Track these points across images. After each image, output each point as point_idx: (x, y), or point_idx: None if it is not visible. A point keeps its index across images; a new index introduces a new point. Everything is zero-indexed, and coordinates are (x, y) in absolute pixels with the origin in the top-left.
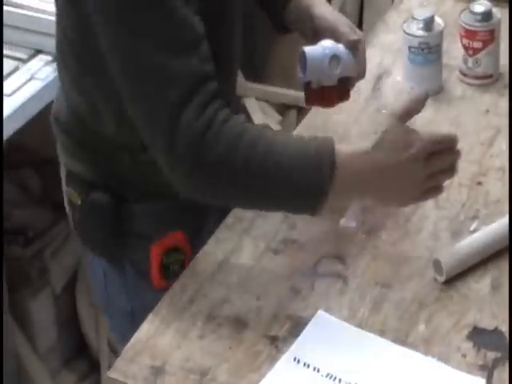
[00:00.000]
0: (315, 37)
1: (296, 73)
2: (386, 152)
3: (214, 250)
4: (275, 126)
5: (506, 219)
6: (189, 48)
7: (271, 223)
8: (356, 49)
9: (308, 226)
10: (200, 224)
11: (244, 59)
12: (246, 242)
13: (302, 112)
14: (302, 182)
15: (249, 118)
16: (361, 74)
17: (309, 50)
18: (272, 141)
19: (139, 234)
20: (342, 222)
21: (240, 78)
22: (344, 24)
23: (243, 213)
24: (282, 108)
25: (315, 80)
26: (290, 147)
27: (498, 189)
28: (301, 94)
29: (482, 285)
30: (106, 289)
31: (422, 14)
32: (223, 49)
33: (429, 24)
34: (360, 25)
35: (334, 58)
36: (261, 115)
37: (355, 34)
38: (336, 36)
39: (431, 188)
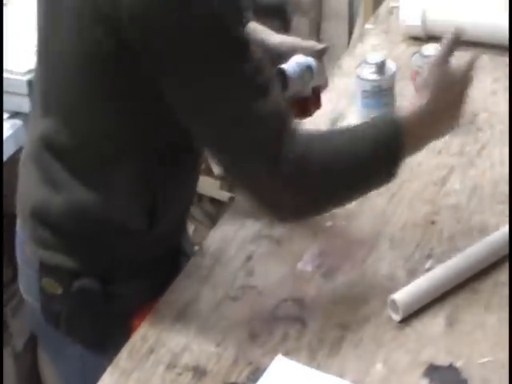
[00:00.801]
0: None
1: None
2: (439, 102)
3: (174, 298)
4: None
5: (460, 256)
6: (270, 86)
7: (229, 270)
8: (322, 56)
9: (266, 271)
10: None
11: None
12: (205, 289)
13: None
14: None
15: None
16: (325, 82)
17: (286, 67)
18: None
19: (122, 312)
20: (300, 265)
21: None
22: (303, 40)
23: (202, 261)
24: None
25: (296, 93)
26: (362, 133)
27: (452, 226)
28: None
29: (437, 322)
30: (84, 375)
31: (374, 58)
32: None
33: (381, 68)
34: None
35: (309, 69)
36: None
37: (319, 44)
38: (302, 51)
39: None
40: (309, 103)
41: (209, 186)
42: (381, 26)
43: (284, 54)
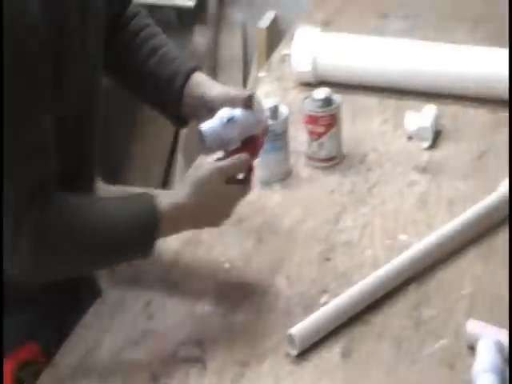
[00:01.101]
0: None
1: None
2: (199, 195)
3: (74, 347)
4: None
5: (353, 290)
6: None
7: (129, 316)
8: (251, 105)
9: (165, 315)
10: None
11: (101, 161)
12: (106, 337)
13: None
14: (130, 242)
15: None
16: (265, 130)
17: (204, 124)
18: (94, 206)
19: None
20: (198, 307)
21: (99, 181)
22: (233, 89)
23: (102, 308)
24: None
25: (220, 149)
26: (121, 211)
27: (345, 262)
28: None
29: (332, 354)
30: None
31: (267, 103)
32: (82, 151)
33: (274, 113)
34: None
35: (230, 121)
36: None
37: (246, 92)
38: (231, 102)
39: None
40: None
41: None
42: (274, 74)
43: (218, 108)
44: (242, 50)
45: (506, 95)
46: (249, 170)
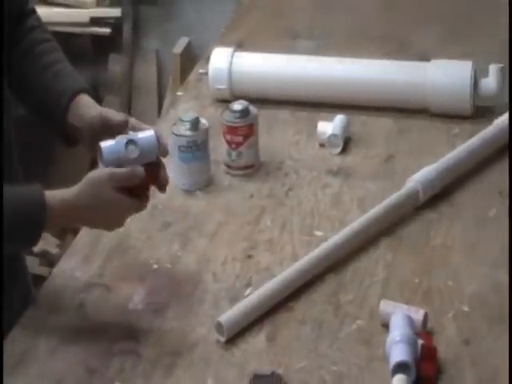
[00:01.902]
0: (95, 141)
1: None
2: (87, 195)
3: (9, 349)
4: (54, 250)
5: (275, 280)
6: None
7: (63, 318)
8: (125, 129)
9: (99, 315)
10: None
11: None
12: (41, 337)
13: None
14: (14, 231)
15: None
16: (165, 153)
17: (105, 142)
18: None
19: None
20: (130, 306)
21: None
22: (111, 112)
23: (36, 312)
24: (59, 232)
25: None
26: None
27: (267, 258)
28: None
29: (259, 339)
30: None
31: (188, 116)
32: None
33: (195, 124)
34: None
35: (130, 143)
36: (40, 242)
37: (120, 117)
38: (107, 125)
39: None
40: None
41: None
42: (191, 93)
43: (98, 129)
44: (157, 75)
45: (408, 104)
46: (145, 188)
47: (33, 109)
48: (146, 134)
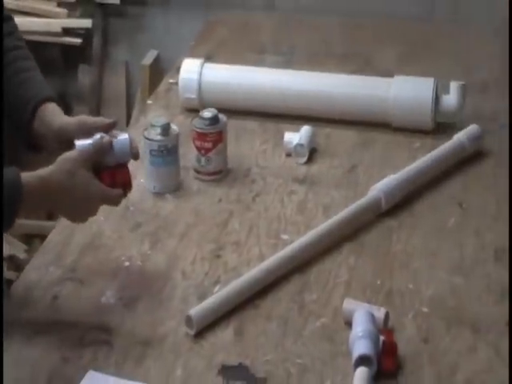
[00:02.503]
0: (64, 147)
1: None
2: (61, 173)
3: None
4: (22, 255)
5: (242, 278)
6: None
7: (37, 310)
8: (109, 130)
9: (72, 307)
10: None
11: None
12: (14, 328)
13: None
14: None
15: None
16: (137, 156)
17: (79, 141)
18: None
19: None
20: (103, 300)
21: None
22: (87, 117)
23: (9, 304)
24: (26, 237)
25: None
26: None
27: (235, 259)
28: (44, 223)
29: (227, 333)
30: None
31: (159, 121)
32: None
33: (166, 129)
34: None
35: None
36: (7, 246)
37: (102, 120)
38: (88, 129)
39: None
40: (114, 178)
41: None
42: (161, 102)
43: (70, 135)
44: (126, 87)
45: (372, 118)
46: (123, 184)
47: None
48: (120, 137)
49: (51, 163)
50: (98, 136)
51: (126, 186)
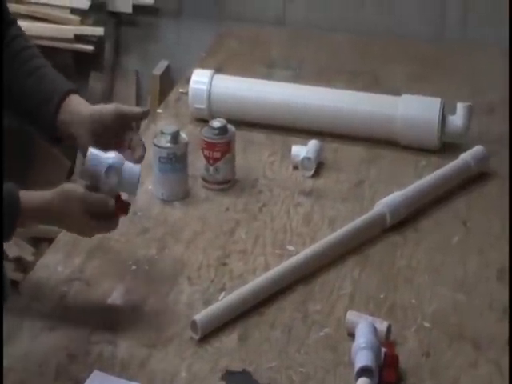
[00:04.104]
0: (96, 137)
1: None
2: (57, 208)
3: None
4: (30, 257)
5: (248, 286)
6: None
7: (46, 307)
8: (142, 119)
9: (79, 306)
10: None
11: None
12: (25, 323)
13: None
14: None
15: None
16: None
17: (94, 150)
18: None
19: None
20: (110, 301)
21: None
22: (122, 105)
23: (19, 300)
24: (34, 240)
25: (91, 181)
26: None
27: (240, 267)
28: (52, 227)
29: (231, 339)
30: None
31: (169, 129)
32: None
33: (175, 137)
34: None
35: (112, 167)
36: (15, 248)
37: (138, 108)
38: (124, 115)
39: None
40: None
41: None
42: (171, 111)
43: (108, 120)
44: (136, 95)
45: (379, 135)
46: (116, 214)
47: (18, 111)
48: (131, 167)
49: (80, 146)
50: (112, 155)
51: (122, 214)
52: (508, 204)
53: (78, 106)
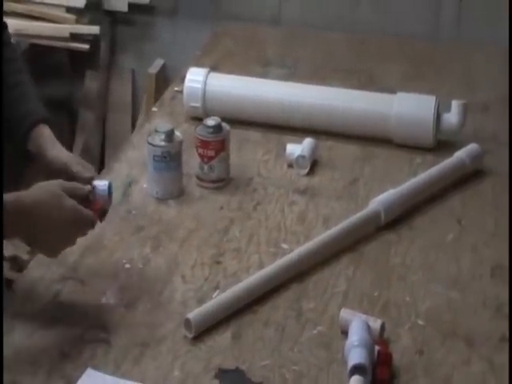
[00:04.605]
0: (48, 178)
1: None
2: (39, 195)
3: None
4: (25, 256)
5: (241, 284)
6: None
7: (39, 306)
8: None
9: (73, 305)
10: None
11: None
12: (17, 322)
13: None
14: None
15: None
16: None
17: (98, 182)
18: None
19: None
20: (103, 300)
21: None
22: (77, 163)
23: (13, 298)
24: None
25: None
26: None
27: (235, 265)
28: None
29: (224, 337)
30: None
31: (164, 127)
32: None
33: (170, 136)
34: (102, 159)
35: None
36: (10, 247)
37: (88, 172)
38: (70, 175)
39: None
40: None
41: None
42: (165, 109)
43: (56, 171)
44: (132, 94)
45: (374, 133)
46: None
47: None
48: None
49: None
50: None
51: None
52: (508, 202)
53: (45, 145)
